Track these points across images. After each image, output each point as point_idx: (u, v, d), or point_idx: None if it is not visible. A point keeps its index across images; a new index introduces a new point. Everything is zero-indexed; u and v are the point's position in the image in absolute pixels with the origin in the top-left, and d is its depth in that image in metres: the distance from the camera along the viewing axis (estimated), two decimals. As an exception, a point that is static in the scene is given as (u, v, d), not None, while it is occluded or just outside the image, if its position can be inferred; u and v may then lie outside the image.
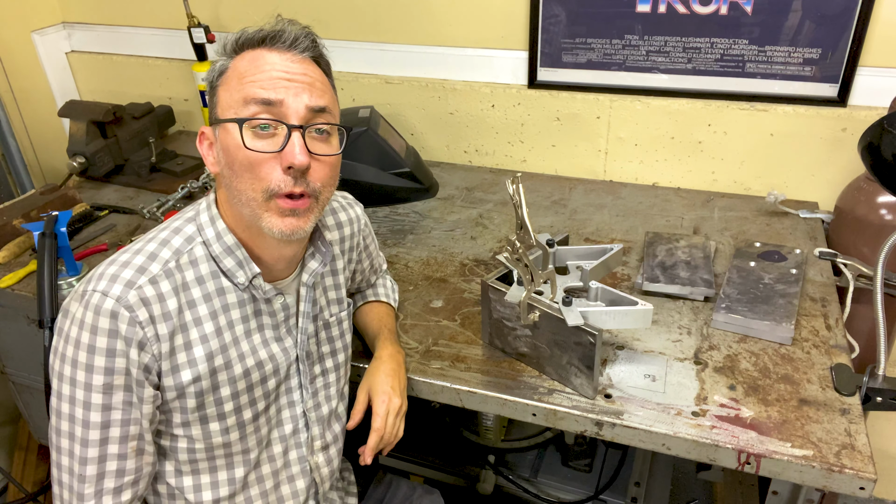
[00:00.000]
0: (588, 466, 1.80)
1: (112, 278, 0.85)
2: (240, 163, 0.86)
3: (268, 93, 0.85)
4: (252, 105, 0.85)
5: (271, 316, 0.97)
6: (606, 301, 1.11)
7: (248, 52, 0.89)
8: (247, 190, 0.86)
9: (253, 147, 0.85)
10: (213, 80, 0.91)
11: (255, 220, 0.88)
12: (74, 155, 1.80)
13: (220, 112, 0.89)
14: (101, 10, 2.13)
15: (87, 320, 0.83)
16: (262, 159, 0.85)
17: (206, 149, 0.93)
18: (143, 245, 0.90)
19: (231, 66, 0.89)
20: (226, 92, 0.88)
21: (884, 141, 1.14)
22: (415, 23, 1.80)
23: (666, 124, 1.68)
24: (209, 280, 0.91)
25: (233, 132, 0.86)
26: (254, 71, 0.87)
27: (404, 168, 1.69)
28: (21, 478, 1.98)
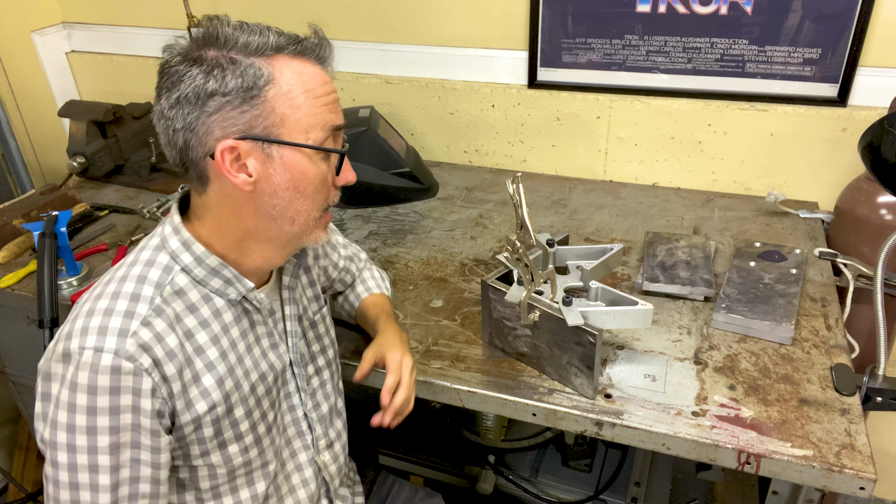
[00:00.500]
0: (588, 466, 1.79)
1: (101, 331, 0.78)
2: (314, 186, 0.85)
3: (339, 118, 0.86)
4: (328, 131, 0.84)
5: (264, 325, 0.95)
6: (606, 301, 1.11)
7: (287, 59, 0.82)
8: (310, 210, 0.87)
9: (332, 174, 0.88)
10: (255, 85, 0.79)
11: (303, 236, 0.89)
12: (74, 155, 1.80)
13: (286, 132, 0.81)
14: (101, 10, 2.13)
15: (82, 381, 0.77)
16: (328, 181, 0.88)
17: (233, 164, 0.81)
18: (117, 286, 0.83)
19: (278, 75, 0.80)
20: (292, 108, 0.81)
21: (884, 141, 1.14)
22: (415, 23, 1.80)
23: (666, 124, 1.68)
24: (202, 306, 0.87)
25: (312, 158, 0.84)
26: (320, 91, 0.83)
27: (404, 168, 1.69)
28: (21, 478, 1.98)
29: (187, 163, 0.84)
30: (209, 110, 0.79)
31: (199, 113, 0.79)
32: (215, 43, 0.81)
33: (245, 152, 0.81)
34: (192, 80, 0.79)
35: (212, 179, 0.84)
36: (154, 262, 0.86)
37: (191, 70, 0.79)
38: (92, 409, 0.77)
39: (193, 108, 0.80)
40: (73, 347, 0.78)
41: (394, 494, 1.32)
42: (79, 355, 0.77)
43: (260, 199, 0.84)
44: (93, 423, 0.77)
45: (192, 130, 0.80)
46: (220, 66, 0.79)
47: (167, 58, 0.83)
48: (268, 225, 0.86)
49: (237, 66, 0.79)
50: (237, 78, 0.79)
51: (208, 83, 0.79)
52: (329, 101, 0.85)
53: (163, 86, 0.82)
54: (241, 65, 0.79)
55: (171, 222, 0.88)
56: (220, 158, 0.80)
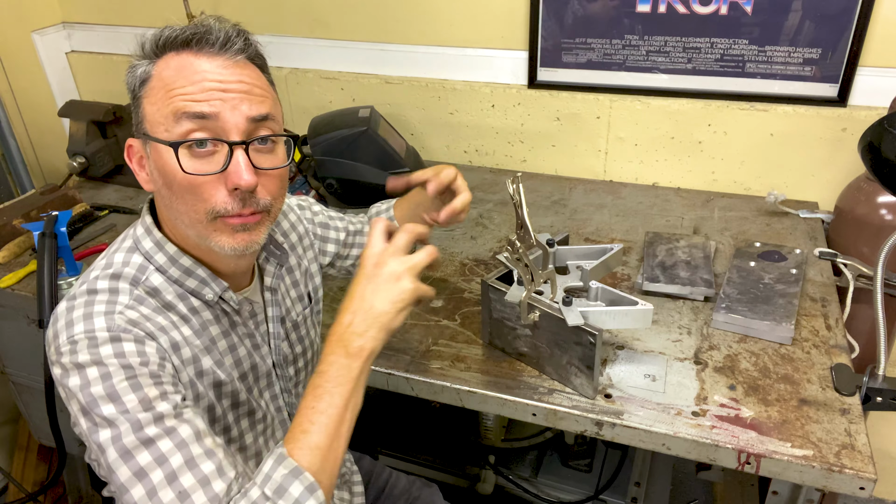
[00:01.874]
0: (588, 466, 1.80)
1: (87, 316, 0.77)
2: (179, 185, 0.79)
3: (201, 106, 0.77)
4: (184, 121, 0.77)
5: (244, 326, 0.94)
6: (606, 301, 1.11)
7: (171, 55, 0.80)
8: (189, 212, 0.80)
9: (192, 170, 0.78)
10: (135, 88, 0.82)
11: (203, 240, 0.82)
12: (74, 155, 1.80)
13: (149, 128, 0.80)
14: (101, 10, 2.13)
15: (83, 359, 0.74)
16: (204, 181, 0.78)
17: (137, 164, 0.85)
18: (90, 285, 0.81)
19: (154, 74, 0.80)
20: (152, 105, 0.80)
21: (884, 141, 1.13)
22: (415, 23, 1.80)
23: (666, 124, 1.68)
24: (178, 304, 0.85)
25: (166, 153, 0.79)
26: (182, 81, 0.78)
27: (404, 168, 1.69)
28: (21, 478, 1.98)
29: None
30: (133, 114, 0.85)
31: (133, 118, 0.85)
32: (137, 46, 0.84)
33: (136, 151, 0.85)
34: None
35: None
36: (128, 262, 0.84)
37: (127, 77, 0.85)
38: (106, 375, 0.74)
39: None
40: (61, 342, 0.76)
41: (391, 485, 1.33)
42: (71, 343, 0.75)
43: (160, 199, 0.85)
44: (111, 388, 0.74)
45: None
46: (130, 71, 0.83)
47: None
48: (176, 226, 0.85)
49: (132, 70, 0.82)
50: (131, 81, 0.83)
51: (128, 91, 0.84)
52: (193, 91, 0.78)
53: None
54: (135, 69, 0.82)
55: (142, 223, 0.87)
56: (128, 157, 0.86)
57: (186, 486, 0.72)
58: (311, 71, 1.94)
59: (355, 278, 0.88)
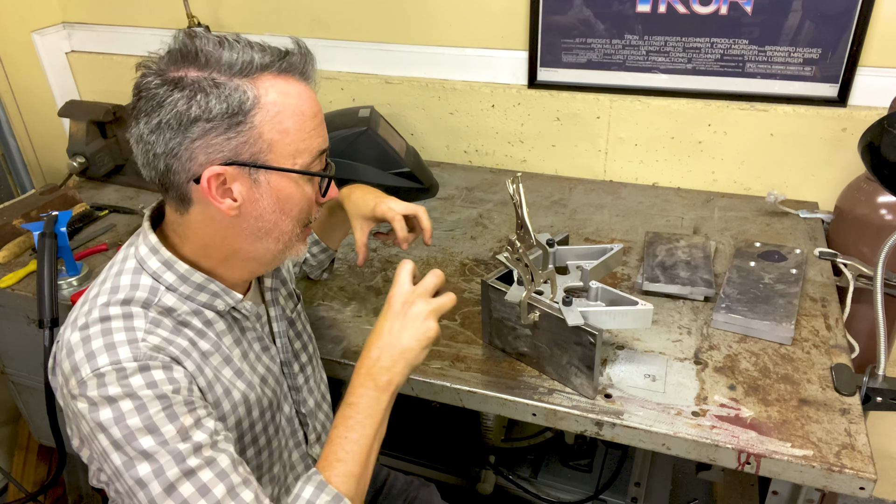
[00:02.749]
0: (588, 466, 1.80)
1: (109, 347, 0.75)
2: (298, 207, 0.85)
3: (325, 142, 0.86)
4: (318, 154, 0.84)
5: (254, 330, 0.95)
6: (606, 301, 1.11)
7: (270, 78, 0.79)
8: (294, 229, 0.86)
9: (316, 193, 0.88)
10: (240, 111, 0.76)
11: (286, 251, 0.88)
12: (74, 155, 1.80)
13: (274, 157, 0.79)
14: (101, 10, 2.13)
15: (114, 392, 0.73)
16: (312, 200, 0.87)
17: (218, 192, 0.79)
18: (101, 312, 0.79)
19: (265, 100, 0.77)
20: (280, 134, 0.78)
21: (884, 141, 1.13)
22: (415, 23, 1.80)
23: (666, 124, 1.68)
24: (193, 319, 0.85)
25: (296, 180, 0.83)
26: (307, 114, 0.81)
27: (404, 168, 1.69)
28: (21, 478, 1.98)
29: (167, 184, 0.81)
30: (192, 136, 0.76)
31: (181, 138, 0.76)
32: (195, 62, 0.76)
33: (231, 178, 0.78)
34: (173, 105, 0.75)
35: (195, 202, 0.81)
36: (137, 285, 0.82)
37: (172, 94, 0.75)
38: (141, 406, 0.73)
39: (176, 134, 0.76)
40: (84, 375, 0.74)
41: (389, 485, 1.33)
42: (98, 378, 0.73)
43: (245, 223, 0.82)
44: (148, 419, 0.73)
45: (175, 156, 0.77)
46: (203, 90, 0.75)
47: (143, 79, 0.77)
48: (252, 245, 0.85)
49: (221, 90, 0.75)
50: (222, 103, 0.75)
51: (191, 109, 0.74)
52: (316, 124, 0.84)
53: (141, 109, 0.77)
54: (226, 88, 0.75)
55: (146, 242, 0.85)
56: (207, 185, 0.78)
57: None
58: (311, 71, 1.94)
59: (383, 315, 0.93)
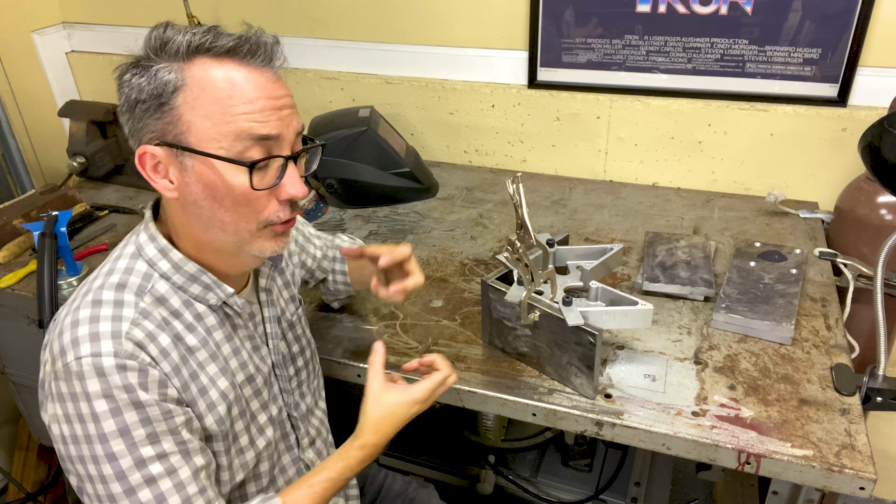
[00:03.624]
0: (588, 466, 1.79)
1: (93, 337, 0.77)
2: (234, 199, 0.80)
3: (266, 128, 0.78)
4: (248, 141, 0.78)
5: (245, 328, 0.95)
6: (606, 301, 1.11)
7: (207, 62, 0.78)
8: (237, 222, 0.82)
9: (256, 186, 0.80)
10: (163, 93, 0.77)
11: (242, 245, 0.84)
12: (74, 155, 1.80)
13: (196, 141, 0.78)
14: (101, 10, 2.13)
15: (94, 388, 0.75)
16: (260, 194, 0.81)
17: (152, 171, 0.81)
18: (95, 295, 0.81)
19: (191, 82, 0.77)
20: (203, 119, 0.77)
21: (884, 141, 1.13)
22: (415, 23, 1.80)
23: (666, 124, 1.68)
24: (184, 311, 0.86)
25: (220, 168, 0.78)
26: (239, 98, 0.77)
27: (404, 168, 1.69)
28: (21, 478, 1.98)
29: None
30: (136, 117, 0.80)
31: (133, 120, 0.80)
32: (149, 46, 0.80)
33: (163, 159, 0.80)
34: (125, 87, 0.80)
35: None
36: (132, 269, 0.84)
37: (124, 77, 0.80)
38: (116, 409, 0.76)
39: (130, 117, 0.80)
40: (69, 361, 0.76)
41: (388, 486, 1.33)
42: (78, 366, 0.76)
43: (188, 208, 0.82)
44: (122, 423, 0.76)
45: (133, 137, 0.82)
46: (139, 72, 0.78)
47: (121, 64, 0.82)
48: (205, 234, 0.84)
49: (150, 71, 0.78)
50: (150, 84, 0.77)
51: (132, 91, 0.79)
52: (253, 109, 0.78)
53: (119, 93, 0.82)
54: (154, 69, 0.78)
55: (145, 229, 0.86)
56: (139, 163, 0.81)
57: None
58: (311, 71, 1.94)
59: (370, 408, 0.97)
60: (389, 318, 1.30)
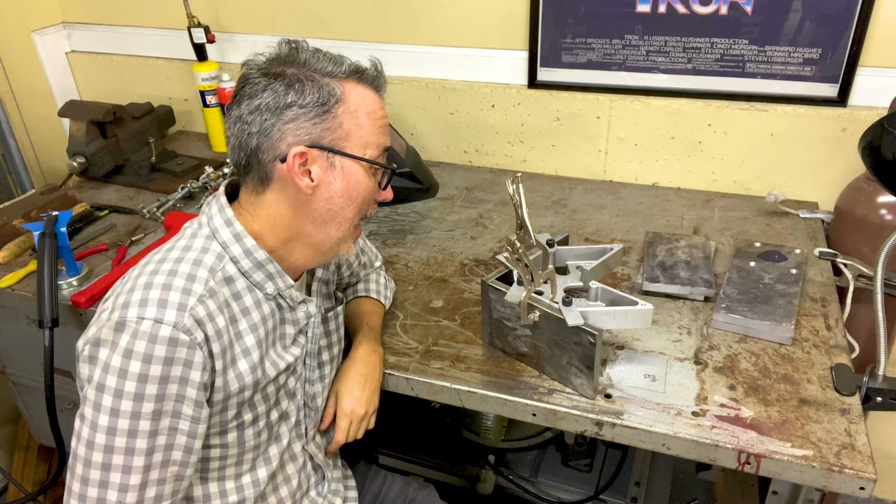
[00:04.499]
0: (588, 466, 1.79)
1: (161, 303, 0.83)
2: (363, 197, 0.95)
3: (388, 140, 0.97)
4: (383, 150, 0.96)
5: (294, 324, 1.00)
6: (606, 301, 1.11)
7: (353, 84, 0.93)
8: (354, 218, 0.96)
9: (376, 188, 0.97)
10: (327, 102, 0.90)
11: (341, 243, 0.97)
12: (74, 155, 1.80)
13: (349, 146, 0.92)
14: (101, 10, 2.13)
15: (139, 349, 0.81)
16: (374, 193, 0.97)
17: (300, 170, 0.90)
18: (173, 266, 0.88)
19: (348, 98, 0.91)
20: (357, 127, 0.92)
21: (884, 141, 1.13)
22: (415, 23, 1.80)
23: (666, 124, 1.68)
24: (246, 294, 0.93)
25: (363, 169, 0.93)
26: (376, 115, 0.94)
27: (404, 168, 1.69)
28: (21, 478, 1.98)
29: (253, 163, 0.91)
30: (285, 118, 0.89)
31: (275, 120, 0.89)
32: (294, 63, 0.91)
33: (312, 159, 0.90)
34: (273, 91, 0.89)
35: (274, 181, 0.92)
36: (208, 249, 0.91)
37: (273, 83, 0.89)
38: (143, 376, 0.81)
39: (271, 116, 0.88)
40: (130, 316, 0.82)
41: (387, 487, 1.33)
42: (136, 325, 0.81)
43: (316, 203, 0.92)
44: (141, 390, 0.81)
45: (267, 135, 0.89)
46: (300, 81, 0.89)
47: (248, 70, 0.92)
48: (317, 228, 0.94)
49: (315, 84, 0.89)
50: (315, 93, 0.89)
51: (288, 95, 0.88)
52: (384, 125, 0.95)
53: (243, 94, 0.91)
54: (318, 82, 0.90)
55: (221, 215, 0.93)
56: (291, 162, 0.89)
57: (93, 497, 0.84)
58: (311, 71, 1.94)
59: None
60: (389, 319, 1.30)
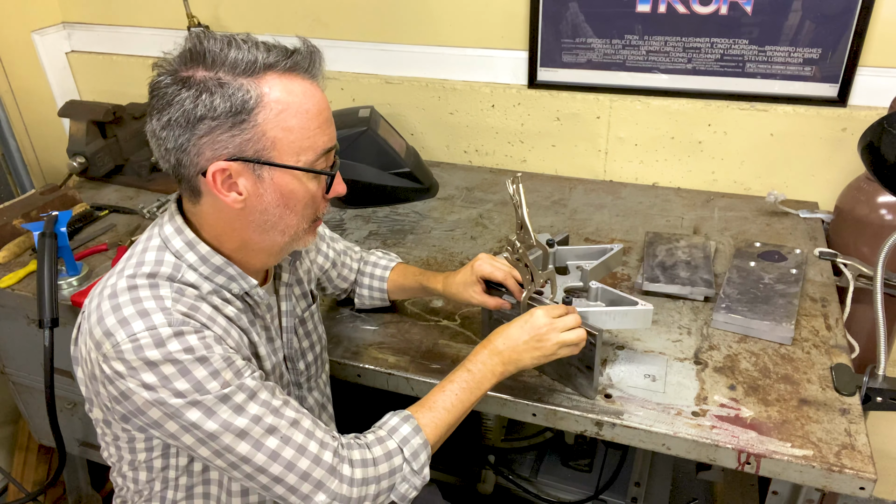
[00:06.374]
0: (588, 466, 1.79)
1: (142, 314, 0.80)
2: (303, 203, 0.87)
3: (331, 140, 0.86)
4: (323, 151, 0.85)
5: (263, 319, 0.98)
6: (606, 301, 1.11)
7: (276, 77, 0.80)
8: (299, 223, 0.88)
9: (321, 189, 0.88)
10: (243, 110, 0.78)
11: (293, 243, 0.91)
12: (74, 155, 1.80)
13: (278, 154, 0.81)
14: (101, 10, 2.13)
15: (154, 357, 0.78)
16: (321, 196, 0.89)
17: (224, 186, 0.82)
18: (129, 282, 0.83)
19: (268, 99, 0.79)
20: (283, 132, 0.80)
21: (884, 141, 1.13)
22: (415, 23, 1.80)
23: (666, 124, 1.68)
24: (212, 297, 0.88)
25: (302, 179, 0.84)
26: (314, 112, 0.82)
27: (404, 168, 1.69)
28: (21, 478, 1.98)
29: (180, 177, 0.85)
30: (199, 133, 0.79)
31: (189, 135, 0.79)
32: (203, 62, 0.79)
33: (236, 173, 0.81)
34: (180, 104, 0.78)
35: (204, 194, 0.85)
36: (162, 261, 0.86)
37: (180, 94, 0.78)
38: (203, 359, 0.80)
39: (184, 131, 0.79)
40: (120, 339, 0.78)
41: None
42: (134, 341, 0.78)
43: (251, 216, 0.85)
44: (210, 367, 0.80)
45: (184, 151, 0.81)
46: (209, 89, 0.78)
47: (156, 77, 0.81)
48: (260, 237, 0.88)
49: (225, 90, 0.78)
50: (226, 102, 0.78)
51: (197, 108, 0.78)
52: (321, 122, 0.84)
53: (154, 106, 0.81)
54: (230, 88, 0.78)
55: (171, 223, 0.88)
56: (212, 179, 0.81)
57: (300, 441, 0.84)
58: (311, 71, 1.94)
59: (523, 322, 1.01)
60: (389, 319, 1.30)
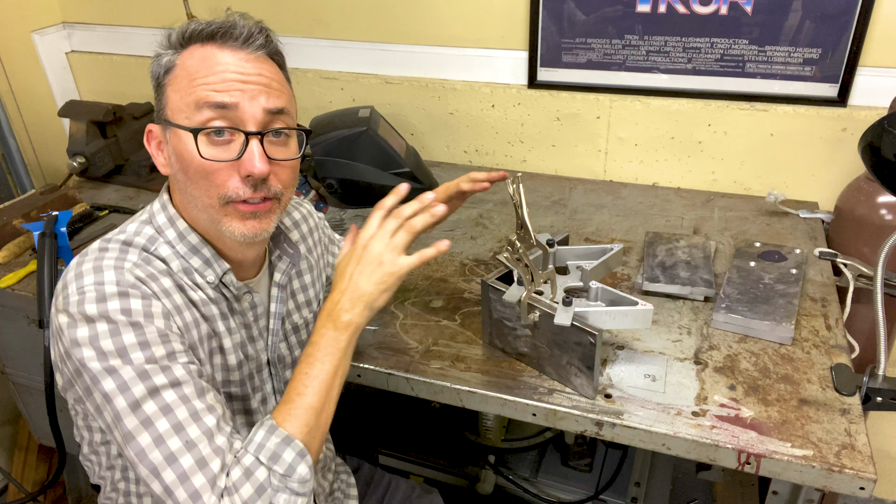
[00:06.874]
0: (588, 466, 1.79)
1: (96, 270, 0.80)
2: (195, 170, 0.83)
3: (222, 96, 0.81)
4: (205, 110, 0.81)
5: (242, 315, 0.95)
6: (606, 301, 1.11)
7: (196, 47, 0.84)
8: (202, 196, 0.84)
9: (209, 156, 0.82)
10: (160, 76, 0.86)
11: (214, 224, 0.86)
12: (74, 155, 1.80)
13: (171, 114, 0.84)
14: (101, 10, 2.13)
15: (91, 312, 0.77)
16: (219, 167, 0.83)
17: (156, 148, 0.89)
18: (101, 245, 0.86)
19: (179, 63, 0.84)
20: (175, 92, 0.84)
21: (884, 141, 1.13)
22: (415, 23, 1.80)
23: (666, 124, 1.68)
24: (184, 277, 0.88)
25: (185, 139, 0.83)
26: (205, 72, 0.82)
27: (404, 168, 1.69)
28: (21, 478, 1.98)
29: None
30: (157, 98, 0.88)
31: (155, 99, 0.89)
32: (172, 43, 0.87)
33: (157, 136, 0.89)
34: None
35: None
36: (140, 232, 0.88)
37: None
38: (114, 330, 0.77)
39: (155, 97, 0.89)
40: (70, 291, 0.79)
41: (391, 491, 1.32)
42: (80, 293, 0.78)
43: (176, 184, 0.88)
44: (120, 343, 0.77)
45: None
46: (155, 62, 0.87)
47: None
48: (188, 209, 0.89)
49: (158, 60, 0.86)
50: (156, 70, 0.87)
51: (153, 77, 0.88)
52: (215, 80, 0.82)
53: None
54: (161, 58, 0.86)
55: (160, 199, 0.91)
56: (146, 140, 0.89)
57: (193, 437, 0.77)
58: (311, 71, 1.94)
59: (345, 256, 0.94)
60: (389, 319, 1.30)
